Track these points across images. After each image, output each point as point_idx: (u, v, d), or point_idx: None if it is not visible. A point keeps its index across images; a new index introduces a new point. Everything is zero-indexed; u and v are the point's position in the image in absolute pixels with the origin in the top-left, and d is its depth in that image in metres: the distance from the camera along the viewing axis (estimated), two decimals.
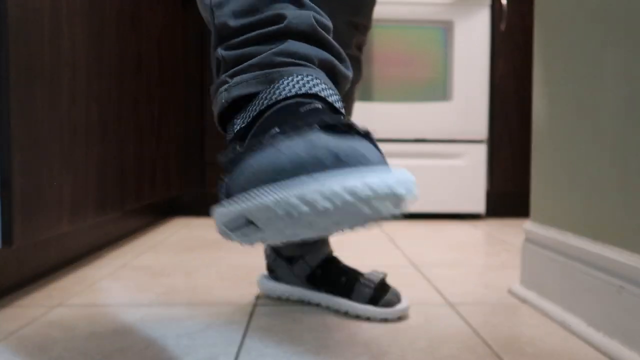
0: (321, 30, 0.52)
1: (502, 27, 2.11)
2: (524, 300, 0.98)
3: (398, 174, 0.40)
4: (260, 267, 1.16)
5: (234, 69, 0.50)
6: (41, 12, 0.98)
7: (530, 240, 1.00)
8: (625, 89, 0.74)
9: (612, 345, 0.72)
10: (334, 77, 0.53)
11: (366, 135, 0.44)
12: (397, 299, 0.88)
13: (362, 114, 2.04)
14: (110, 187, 1.33)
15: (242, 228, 0.44)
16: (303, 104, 0.46)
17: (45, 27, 1.00)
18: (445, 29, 2.11)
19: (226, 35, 0.52)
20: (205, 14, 0.54)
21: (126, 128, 1.43)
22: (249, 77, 0.49)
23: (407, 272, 1.21)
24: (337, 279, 0.92)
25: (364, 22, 0.93)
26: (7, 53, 0.88)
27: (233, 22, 0.51)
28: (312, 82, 0.47)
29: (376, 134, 1.94)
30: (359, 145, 0.41)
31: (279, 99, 0.47)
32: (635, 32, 0.72)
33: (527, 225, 1.02)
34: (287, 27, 0.50)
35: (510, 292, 1.03)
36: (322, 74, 0.50)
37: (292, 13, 0.51)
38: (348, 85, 0.57)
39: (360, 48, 0.95)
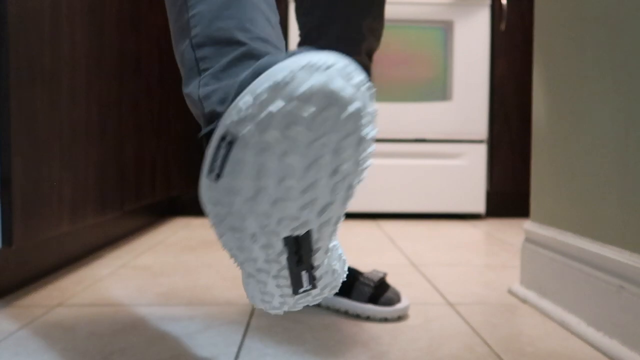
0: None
1: (502, 27, 2.11)
2: (524, 300, 0.98)
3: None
4: None
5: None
6: (41, 12, 0.98)
7: (530, 240, 1.00)
8: (625, 89, 0.74)
9: (612, 345, 0.72)
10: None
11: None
12: (397, 297, 0.88)
13: None
14: (110, 187, 1.33)
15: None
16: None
17: (45, 27, 1.00)
18: (445, 29, 2.11)
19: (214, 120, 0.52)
20: (195, 110, 0.54)
21: (126, 128, 1.43)
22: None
23: (407, 271, 1.21)
24: None
25: (376, 24, 0.90)
26: (7, 53, 0.88)
27: (220, 109, 0.50)
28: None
29: (376, 134, 1.93)
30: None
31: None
32: (635, 31, 0.72)
33: (527, 225, 1.02)
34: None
35: (510, 292, 1.03)
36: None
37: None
38: None
39: (370, 55, 0.92)
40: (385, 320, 0.87)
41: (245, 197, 0.46)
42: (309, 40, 0.89)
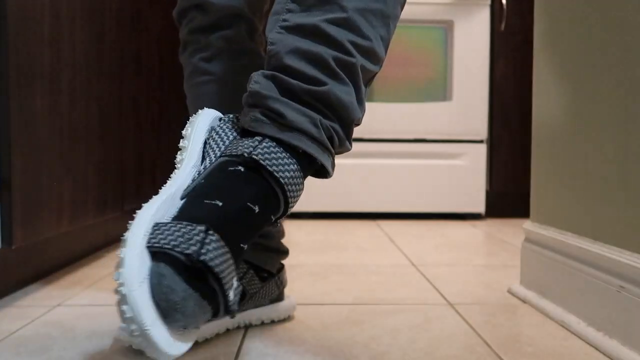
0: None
1: (502, 27, 2.11)
2: (524, 300, 0.98)
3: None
4: None
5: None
6: (41, 12, 0.98)
7: (530, 240, 1.00)
8: (624, 89, 0.74)
9: (612, 345, 0.72)
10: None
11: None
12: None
13: None
14: (110, 187, 1.33)
15: None
16: None
17: (45, 27, 1.00)
18: (445, 29, 2.11)
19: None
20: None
21: (126, 128, 1.43)
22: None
23: (407, 271, 1.21)
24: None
25: None
26: (7, 53, 0.88)
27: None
28: None
29: (376, 134, 1.93)
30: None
31: None
32: (635, 31, 0.72)
33: (527, 225, 1.02)
34: None
35: (510, 292, 1.03)
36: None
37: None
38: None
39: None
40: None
41: None
42: None
